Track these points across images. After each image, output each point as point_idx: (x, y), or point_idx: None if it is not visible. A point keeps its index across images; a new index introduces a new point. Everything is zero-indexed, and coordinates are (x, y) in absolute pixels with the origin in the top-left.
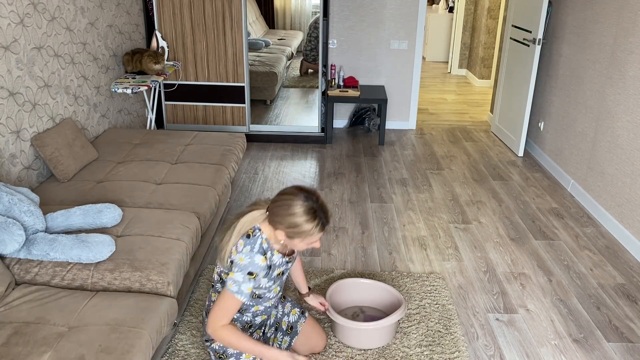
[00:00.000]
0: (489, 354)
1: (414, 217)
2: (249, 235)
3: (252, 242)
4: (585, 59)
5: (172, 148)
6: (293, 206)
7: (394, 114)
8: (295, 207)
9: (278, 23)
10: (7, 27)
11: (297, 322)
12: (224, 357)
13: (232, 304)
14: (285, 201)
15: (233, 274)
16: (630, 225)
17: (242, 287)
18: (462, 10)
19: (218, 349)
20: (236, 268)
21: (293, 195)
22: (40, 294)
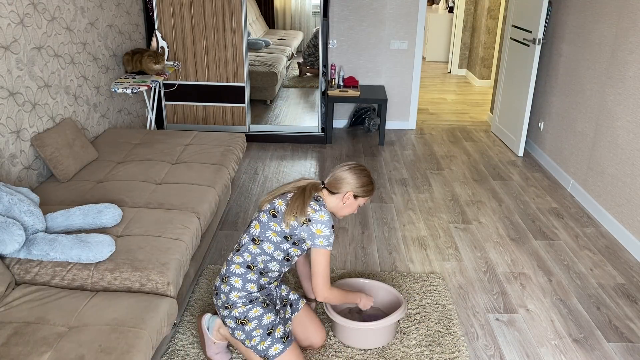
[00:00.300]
0: (489, 354)
1: (414, 217)
2: (317, 199)
3: (322, 205)
4: (585, 59)
5: (172, 148)
6: (359, 172)
7: (394, 114)
8: (360, 172)
9: (278, 23)
10: (7, 27)
11: (297, 300)
12: (246, 321)
13: (327, 257)
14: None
15: (320, 231)
16: (630, 225)
17: (330, 239)
18: (462, 10)
19: (239, 315)
20: (320, 225)
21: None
22: (40, 294)
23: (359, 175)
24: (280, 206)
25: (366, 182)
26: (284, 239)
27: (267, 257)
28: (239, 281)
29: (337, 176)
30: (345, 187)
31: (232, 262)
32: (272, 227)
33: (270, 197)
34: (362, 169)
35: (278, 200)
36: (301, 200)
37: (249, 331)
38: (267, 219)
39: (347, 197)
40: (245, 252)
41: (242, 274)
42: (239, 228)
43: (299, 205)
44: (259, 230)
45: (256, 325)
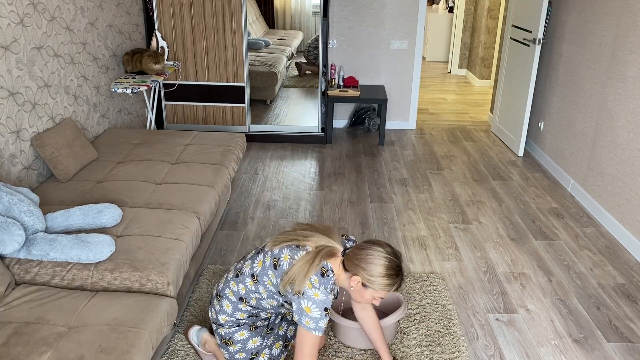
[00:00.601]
0: (489, 354)
1: (414, 217)
2: (323, 274)
3: (326, 282)
4: (585, 59)
5: (172, 148)
6: (381, 257)
7: (394, 114)
8: (382, 259)
9: (278, 23)
10: (7, 27)
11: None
12: (230, 342)
13: (314, 342)
14: (372, 251)
15: (309, 310)
16: (630, 225)
17: (319, 323)
18: (462, 10)
19: (224, 335)
20: (311, 304)
21: (381, 247)
22: (40, 294)
23: (379, 262)
24: (284, 261)
25: (384, 273)
26: (277, 292)
27: (260, 297)
28: (229, 307)
29: (358, 251)
30: (357, 269)
31: (229, 285)
32: (270, 276)
33: (283, 240)
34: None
35: (285, 254)
36: (305, 269)
37: (233, 352)
38: (269, 264)
39: (353, 281)
40: (242, 283)
41: (234, 302)
42: (239, 228)
43: (301, 274)
44: (260, 269)
45: (240, 349)
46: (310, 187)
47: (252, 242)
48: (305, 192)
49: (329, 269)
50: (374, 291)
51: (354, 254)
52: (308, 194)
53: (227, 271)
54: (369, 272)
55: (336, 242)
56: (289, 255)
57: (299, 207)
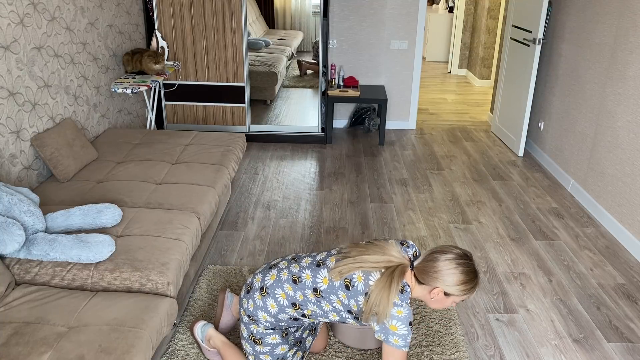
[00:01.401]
0: (489, 354)
1: (414, 217)
2: (402, 291)
3: (406, 298)
4: (585, 59)
5: (172, 148)
6: (457, 266)
7: (394, 114)
8: (458, 267)
9: (278, 23)
10: (7, 27)
11: (318, 324)
12: (259, 342)
13: (403, 357)
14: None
15: (395, 328)
16: (630, 225)
17: (407, 339)
18: (462, 10)
19: (256, 333)
20: (396, 321)
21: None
22: (40, 294)
23: (454, 270)
24: (358, 282)
25: (462, 280)
26: (347, 312)
27: (320, 311)
28: (274, 307)
29: (428, 264)
30: (435, 281)
31: (282, 287)
32: (340, 297)
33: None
34: (461, 261)
35: (358, 274)
36: (387, 293)
37: (259, 352)
38: (339, 285)
39: (435, 293)
40: (300, 291)
41: (283, 306)
42: (239, 228)
43: (383, 299)
44: (326, 287)
45: (267, 351)
46: (310, 187)
47: (252, 242)
48: (305, 192)
49: (405, 284)
50: (455, 297)
51: (427, 267)
52: (308, 194)
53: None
54: (448, 282)
55: (400, 256)
56: (362, 277)
57: (299, 207)
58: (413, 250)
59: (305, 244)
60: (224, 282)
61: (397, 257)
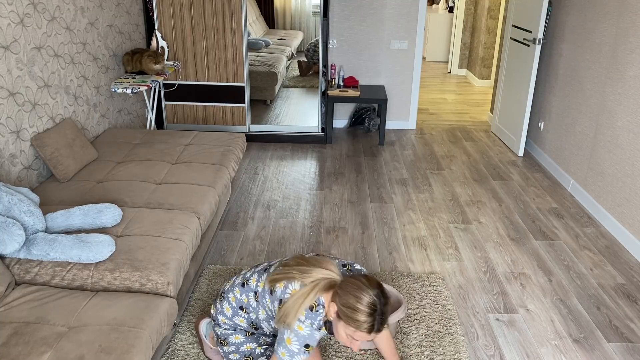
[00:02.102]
0: (489, 354)
1: (414, 217)
2: (312, 308)
3: (314, 317)
4: (585, 59)
5: (172, 148)
6: (362, 291)
7: (394, 114)
8: (363, 294)
9: (278, 23)
10: (7, 27)
11: None
12: (225, 343)
13: None
14: (359, 283)
15: (289, 341)
16: (630, 225)
17: (295, 358)
18: (462, 10)
19: (220, 334)
20: (293, 335)
21: (369, 282)
22: (40, 294)
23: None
24: (279, 288)
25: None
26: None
27: (259, 317)
28: (229, 310)
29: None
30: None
31: (233, 290)
32: (267, 301)
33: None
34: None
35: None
36: (299, 302)
37: (227, 352)
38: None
39: (332, 306)
40: (245, 294)
41: (234, 308)
42: (239, 228)
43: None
44: (261, 290)
45: (234, 350)
46: (310, 187)
47: (252, 242)
48: (305, 192)
49: (320, 304)
50: (346, 327)
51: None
52: (308, 194)
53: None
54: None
55: (335, 273)
56: (283, 284)
57: (299, 207)
58: None
59: (305, 244)
60: (224, 282)
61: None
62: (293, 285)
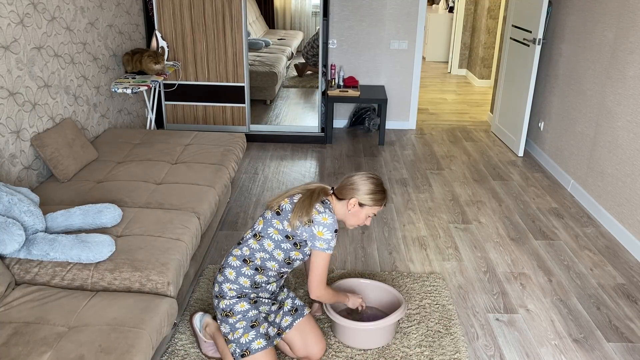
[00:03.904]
0: (489, 354)
1: (414, 217)
2: (323, 202)
3: (327, 208)
4: (585, 59)
5: (172, 148)
6: (368, 179)
7: (394, 114)
8: (370, 179)
9: (278, 23)
10: (7, 27)
11: (302, 307)
12: (231, 314)
13: (327, 260)
14: (357, 177)
15: (321, 234)
16: (630, 225)
17: (331, 243)
18: (462, 10)
19: (225, 307)
20: (322, 227)
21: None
22: (40, 294)
23: (366, 181)
24: (285, 204)
25: (373, 189)
26: (285, 237)
27: (266, 254)
28: (232, 273)
29: (345, 182)
30: (350, 193)
31: (231, 253)
32: (275, 225)
33: (278, 197)
34: (372, 176)
35: (284, 199)
36: (308, 202)
37: (233, 323)
38: (270, 215)
39: (351, 204)
40: (245, 246)
41: (237, 266)
42: (239, 228)
43: (305, 207)
44: (262, 226)
45: (240, 318)
46: None
47: None
48: None
49: (326, 200)
50: (369, 208)
51: (345, 185)
52: None
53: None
54: (362, 191)
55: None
56: (287, 200)
57: None
58: None
59: None
60: None
61: (319, 185)
62: (297, 196)
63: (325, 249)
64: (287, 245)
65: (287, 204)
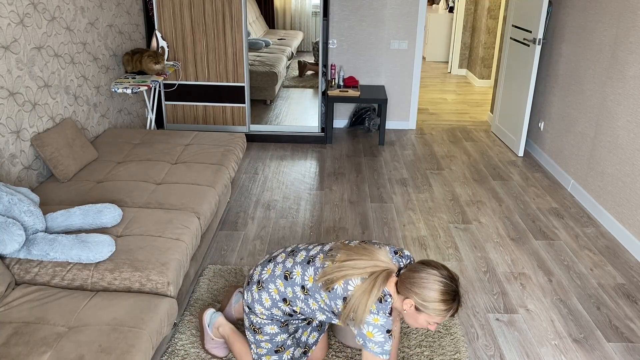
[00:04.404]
0: (489, 354)
1: (414, 217)
2: (380, 300)
3: (385, 308)
4: (585, 59)
5: (172, 148)
6: (436, 281)
7: (394, 114)
8: (437, 283)
9: (278, 23)
10: (7, 27)
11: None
12: (259, 332)
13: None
14: (426, 274)
15: (372, 335)
16: (630, 225)
17: (385, 347)
18: (462, 10)
19: (255, 323)
20: (372, 328)
21: (437, 269)
22: (40, 294)
23: (434, 286)
24: (338, 286)
25: (439, 298)
26: (332, 313)
27: (308, 309)
28: (268, 301)
29: (413, 273)
30: (409, 292)
31: (275, 282)
32: (323, 297)
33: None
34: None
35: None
36: (365, 299)
37: (259, 340)
38: (320, 285)
39: (407, 305)
40: (290, 287)
41: (275, 300)
42: (239, 228)
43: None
44: (311, 286)
45: (267, 339)
46: (310, 187)
47: (252, 242)
48: (305, 192)
49: (387, 294)
50: (428, 316)
51: (407, 277)
52: (308, 194)
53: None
54: (422, 296)
55: (387, 261)
56: (342, 283)
57: (299, 207)
58: (407, 261)
59: None
60: (224, 282)
61: (384, 263)
62: (354, 281)
63: (379, 353)
64: (331, 316)
65: (340, 286)
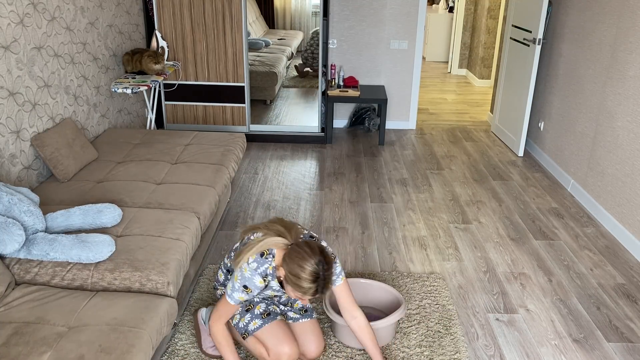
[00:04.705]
0: (489, 354)
1: (414, 217)
2: (262, 254)
3: (261, 263)
4: (585, 59)
5: (172, 148)
6: (305, 261)
7: (394, 114)
8: (306, 263)
9: (278, 23)
10: (7, 27)
11: (312, 311)
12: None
13: (227, 306)
14: (303, 252)
15: (236, 278)
16: (630, 225)
17: (234, 294)
18: (462, 10)
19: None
20: (239, 275)
21: (312, 251)
22: (40, 294)
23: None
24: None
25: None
26: None
27: None
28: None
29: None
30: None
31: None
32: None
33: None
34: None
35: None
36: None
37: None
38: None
39: (280, 271)
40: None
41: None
42: (239, 228)
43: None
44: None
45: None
46: (310, 187)
47: None
48: (305, 192)
49: (271, 253)
50: (294, 290)
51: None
52: (308, 194)
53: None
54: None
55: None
56: (250, 233)
57: (299, 207)
58: None
59: None
60: None
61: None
62: (256, 234)
63: (228, 294)
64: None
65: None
